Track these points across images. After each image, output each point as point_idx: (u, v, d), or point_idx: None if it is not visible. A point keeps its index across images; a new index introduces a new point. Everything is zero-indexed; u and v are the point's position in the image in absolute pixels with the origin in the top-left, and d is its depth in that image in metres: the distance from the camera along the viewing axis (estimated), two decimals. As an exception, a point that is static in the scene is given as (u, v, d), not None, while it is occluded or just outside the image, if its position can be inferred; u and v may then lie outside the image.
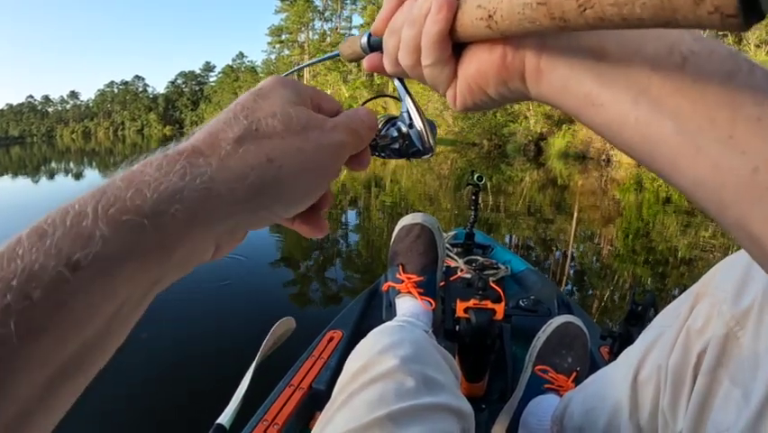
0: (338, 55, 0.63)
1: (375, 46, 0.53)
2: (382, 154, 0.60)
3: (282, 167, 0.36)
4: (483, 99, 0.44)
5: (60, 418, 0.29)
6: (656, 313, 0.87)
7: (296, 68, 0.91)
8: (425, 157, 0.60)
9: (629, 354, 0.83)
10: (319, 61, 0.78)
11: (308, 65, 0.84)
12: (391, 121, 0.59)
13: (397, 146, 0.58)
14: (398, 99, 0.58)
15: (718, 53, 0.31)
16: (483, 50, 0.40)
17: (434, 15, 0.40)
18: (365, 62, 0.55)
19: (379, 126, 0.60)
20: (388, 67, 0.50)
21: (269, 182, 0.36)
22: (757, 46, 20.60)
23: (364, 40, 0.55)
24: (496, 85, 0.41)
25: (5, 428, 0.25)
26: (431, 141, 0.57)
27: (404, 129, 0.57)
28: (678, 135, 0.31)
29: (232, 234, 0.38)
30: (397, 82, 0.57)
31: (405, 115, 0.57)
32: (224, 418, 1.13)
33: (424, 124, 0.56)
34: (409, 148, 0.58)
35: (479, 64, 0.41)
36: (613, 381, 0.85)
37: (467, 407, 0.85)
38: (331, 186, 0.46)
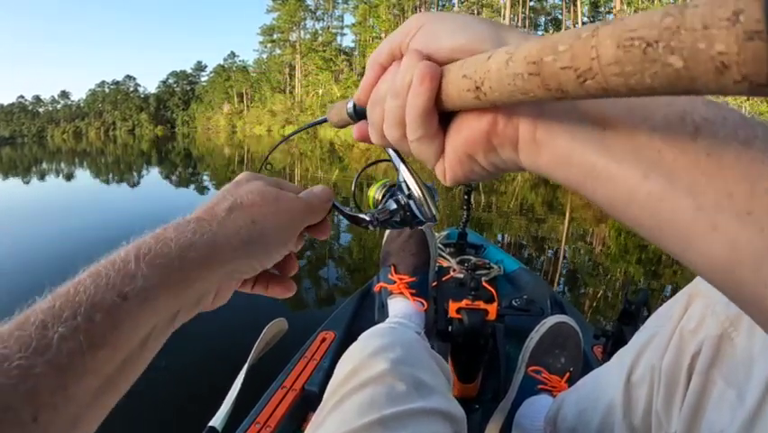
0: (326, 120, 0.61)
1: (361, 114, 0.51)
2: (387, 227, 0.59)
3: (263, 227, 0.49)
4: (474, 170, 0.42)
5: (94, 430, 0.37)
6: (649, 312, 0.87)
7: (283, 138, 0.89)
8: (428, 225, 0.58)
9: (622, 355, 0.83)
10: (308, 127, 0.78)
11: (297, 132, 0.82)
12: (389, 192, 0.59)
13: (398, 218, 0.57)
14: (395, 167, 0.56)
15: (732, 120, 0.29)
16: (472, 117, 0.39)
17: (417, 87, 0.38)
18: (354, 132, 0.54)
19: (379, 198, 0.63)
20: (374, 138, 0.49)
21: (255, 236, 0.48)
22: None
23: (350, 106, 0.52)
24: (485, 153, 0.39)
25: (60, 431, 0.32)
26: (432, 209, 0.55)
27: (402, 200, 0.56)
28: (693, 212, 0.28)
29: (229, 278, 0.48)
30: (390, 150, 0.55)
31: (402, 184, 0.56)
32: (217, 420, 1.13)
33: (422, 192, 0.54)
34: (412, 219, 0.57)
35: (467, 132, 0.39)
36: (606, 381, 0.85)
37: (459, 411, 0.85)
38: (295, 254, 0.60)
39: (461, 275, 1.94)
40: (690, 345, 0.67)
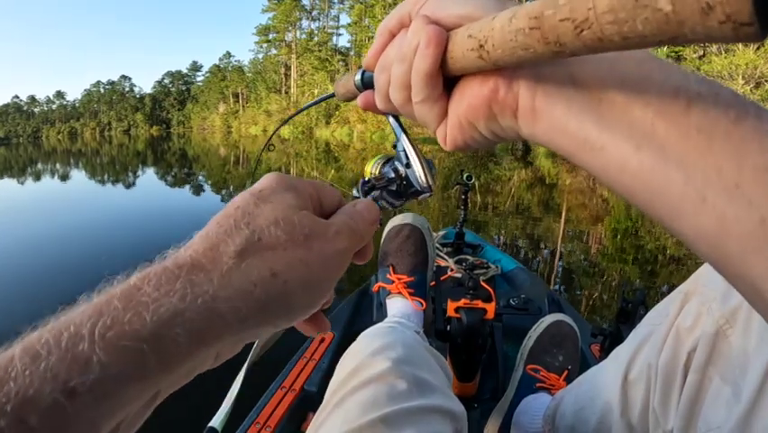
0: (333, 96, 0.61)
1: (368, 83, 0.51)
2: (380, 202, 0.57)
3: (287, 282, 0.35)
4: (474, 137, 0.42)
5: None
6: (646, 310, 0.87)
7: (289, 117, 0.89)
8: (424, 197, 0.58)
9: (619, 353, 0.84)
10: (315, 103, 0.77)
11: (306, 108, 0.82)
12: (388, 161, 0.58)
13: (394, 187, 0.56)
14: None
15: (724, 97, 0.30)
16: (475, 83, 0.39)
17: (423, 50, 0.39)
18: (359, 100, 0.54)
19: (376, 172, 0.59)
20: (379, 103, 0.49)
21: (274, 298, 0.34)
22: (745, 45, 20.72)
23: (358, 77, 0.53)
24: (486, 120, 0.40)
25: None
26: (429, 180, 0.54)
27: (401, 169, 0.56)
28: (683, 185, 0.29)
29: (233, 347, 0.36)
30: (391, 119, 0.55)
31: (401, 154, 0.55)
32: (216, 420, 1.13)
33: (421, 163, 0.54)
34: (407, 188, 0.56)
35: (470, 98, 0.39)
36: (604, 380, 0.86)
37: (459, 408, 0.85)
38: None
39: (459, 275, 1.95)
40: (686, 343, 0.68)
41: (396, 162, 0.56)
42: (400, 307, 1.29)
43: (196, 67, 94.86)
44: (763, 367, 0.56)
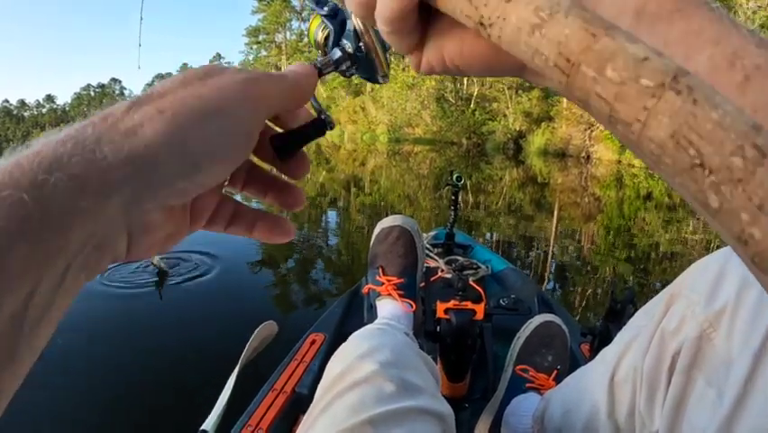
0: None
1: None
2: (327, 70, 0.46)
3: (176, 114, 0.30)
4: (458, 74, 0.35)
5: None
6: (635, 309, 0.88)
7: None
8: (380, 83, 0.47)
9: (606, 355, 0.84)
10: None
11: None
12: (334, 34, 0.45)
13: (343, 68, 0.45)
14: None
15: None
16: (470, 34, 0.31)
17: None
18: None
19: (320, 40, 0.47)
20: None
21: (163, 133, 0.29)
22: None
23: None
24: (481, 71, 0.34)
25: None
26: (385, 65, 0.44)
27: (349, 48, 0.44)
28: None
29: (140, 216, 0.30)
30: None
31: (351, 33, 0.43)
32: (209, 424, 1.13)
33: (374, 44, 0.42)
34: (360, 73, 0.46)
35: (462, 47, 0.32)
36: (591, 382, 0.86)
37: (447, 409, 0.85)
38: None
39: (449, 276, 1.95)
40: (671, 346, 0.68)
41: (344, 40, 0.45)
42: (390, 308, 1.29)
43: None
44: (746, 370, 0.57)
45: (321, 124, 0.42)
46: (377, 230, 1.42)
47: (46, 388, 2.36)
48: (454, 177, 2.19)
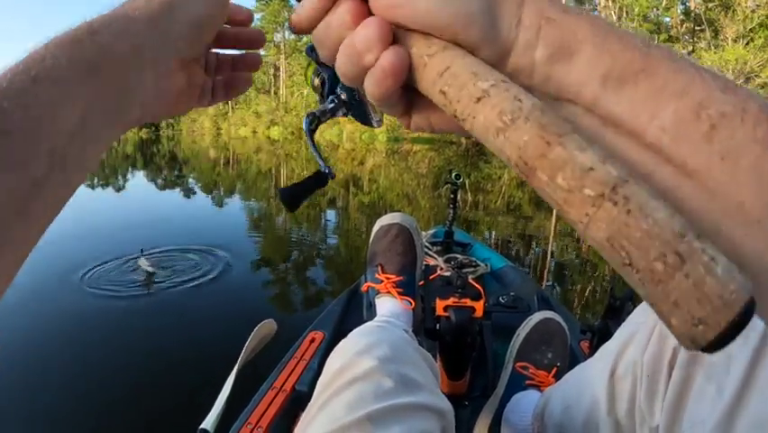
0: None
1: None
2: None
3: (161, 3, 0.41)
4: (447, 133, 0.39)
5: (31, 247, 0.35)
6: (634, 306, 0.88)
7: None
8: (374, 127, 0.49)
9: (606, 351, 0.84)
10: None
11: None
12: (329, 80, 0.48)
13: (340, 114, 0.49)
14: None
15: (752, 114, 0.26)
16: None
17: (380, 77, 0.33)
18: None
19: (318, 84, 0.50)
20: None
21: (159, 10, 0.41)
22: (734, 40, 20.83)
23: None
24: (463, 130, 0.34)
25: None
26: (378, 111, 0.47)
27: (344, 96, 0.47)
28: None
29: (153, 65, 0.41)
30: None
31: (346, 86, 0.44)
32: (208, 422, 1.13)
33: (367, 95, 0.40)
34: (355, 117, 0.48)
35: (447, 117, 0.33)
36: (591, 377, 0.86)
37: (446, 405, 0.85)
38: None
39: (448, 273, 1.95)
40: (671, 340, 0.68)
41: (338, 89, 0.48)
42: (389, 306, 1.29)
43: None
44: (746, 364, 0.57)
45: (323, 177, 0.50)
46: (376, 228, 1.42)
47: (46, 388, 2.36)
48: (453, 175, 2.20)
